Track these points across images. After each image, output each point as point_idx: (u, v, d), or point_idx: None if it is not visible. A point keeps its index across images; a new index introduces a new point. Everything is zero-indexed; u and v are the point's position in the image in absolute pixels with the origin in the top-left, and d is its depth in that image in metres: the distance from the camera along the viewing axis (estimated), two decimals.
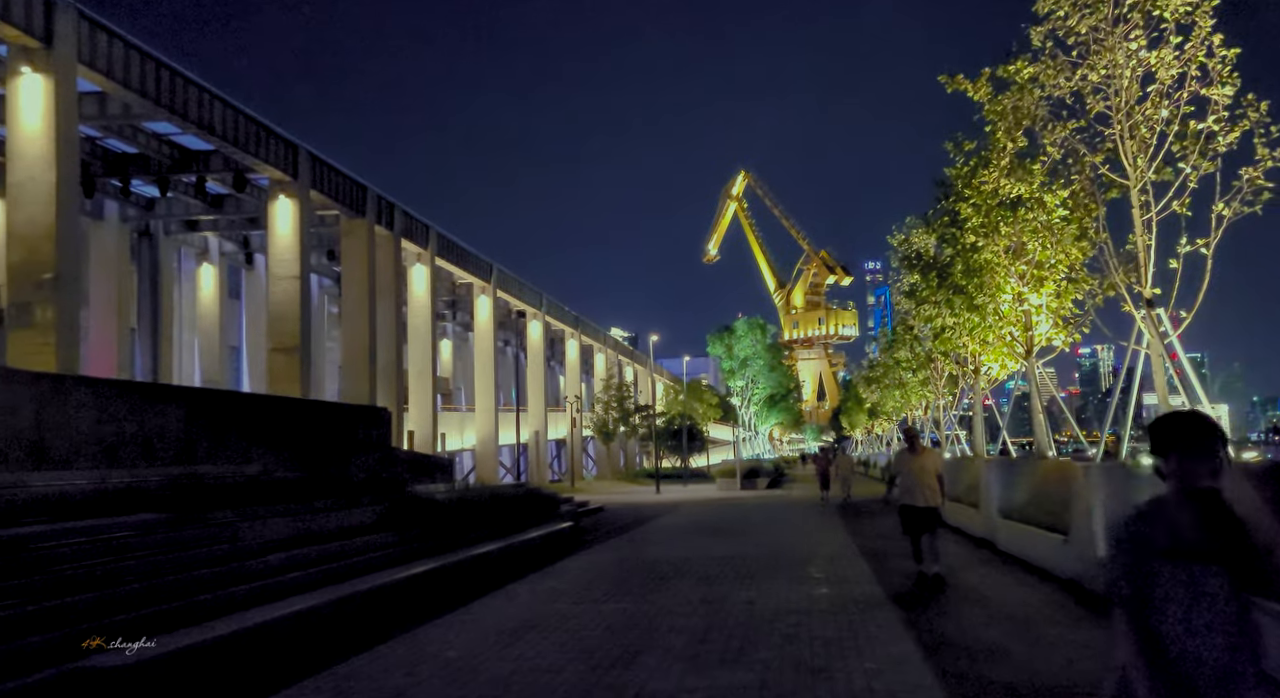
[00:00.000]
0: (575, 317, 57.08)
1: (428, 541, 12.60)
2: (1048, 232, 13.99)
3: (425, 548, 12.10)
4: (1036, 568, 11.74)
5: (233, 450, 14.61)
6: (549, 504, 19.37)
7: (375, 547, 11.18)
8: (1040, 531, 11.91)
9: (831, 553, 14.32)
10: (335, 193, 26.70)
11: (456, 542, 13.22)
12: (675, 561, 13.60)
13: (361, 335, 28.06)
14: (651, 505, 29.59)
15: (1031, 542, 12.10)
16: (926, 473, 10.41)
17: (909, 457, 10.66)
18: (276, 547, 9.68)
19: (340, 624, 8.36)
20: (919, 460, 10.52)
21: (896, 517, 11.57)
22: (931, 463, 10.54)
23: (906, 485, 10.52)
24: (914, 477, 10.46)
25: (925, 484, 10.39)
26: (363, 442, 23.15)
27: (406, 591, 9.78)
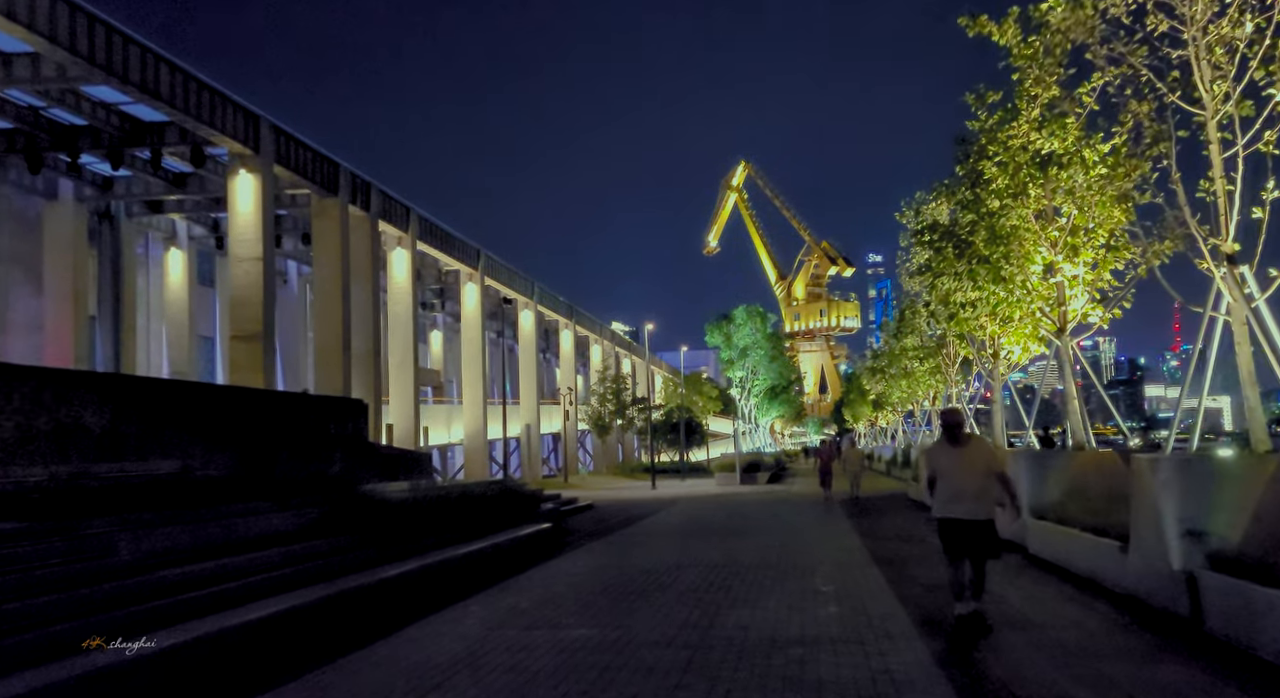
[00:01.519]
0: (570, 306, 55.33)
1: (371, 548, 10.87)
2: (1087, 191, 12.22)
3: (366, 558, 10.38)
4: (1080, 578, 10.00)
5: (169, 446, 12.89)
6: (527, 503, 17.64)
7: (300, 557, 9.45)
8: (1083, 533, 10.17)
9: (839, 559, 12.59)
10: (304, 169, 24.92)
11: (408, 549, 11.49)
12: (661, 569, 11.88)
13: (335, 323, 26.32)
14: (645, 503, 27.88)
15: (1073, 547, 10.35)
16: (976, 472, 7.39)
17: (950, 451, 7.51)
18: (165, 561, 7.94)
19: (214, 666, 6.63)
20: (965, 455, 7.44)
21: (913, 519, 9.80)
22: (983, 458, 7.50)
23: (949, 491, 7.44)
24: (959, 478, 7.39)
25: (976, 488, 7.34)
26: (335, 437, 21.48)
27: (324, 614, 8.05)
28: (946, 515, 7.41)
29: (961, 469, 7.41)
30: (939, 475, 7.57)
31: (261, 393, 19.74)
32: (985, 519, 7.29)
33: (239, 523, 9.60)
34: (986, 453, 7.62)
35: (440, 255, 36.10)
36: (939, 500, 7.52)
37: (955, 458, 7.47)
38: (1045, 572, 10.86)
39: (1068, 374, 13.17)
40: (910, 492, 26.95)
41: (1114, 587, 8.80)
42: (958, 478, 7.39)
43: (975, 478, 7.34)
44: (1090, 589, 9.33)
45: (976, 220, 13.43)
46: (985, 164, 13.30)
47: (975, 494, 7.31)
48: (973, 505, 7.29)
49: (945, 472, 7.50)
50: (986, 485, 7.35)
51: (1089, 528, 10.13)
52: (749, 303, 58.40)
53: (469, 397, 39.07)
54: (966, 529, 7.29)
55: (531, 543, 14.45)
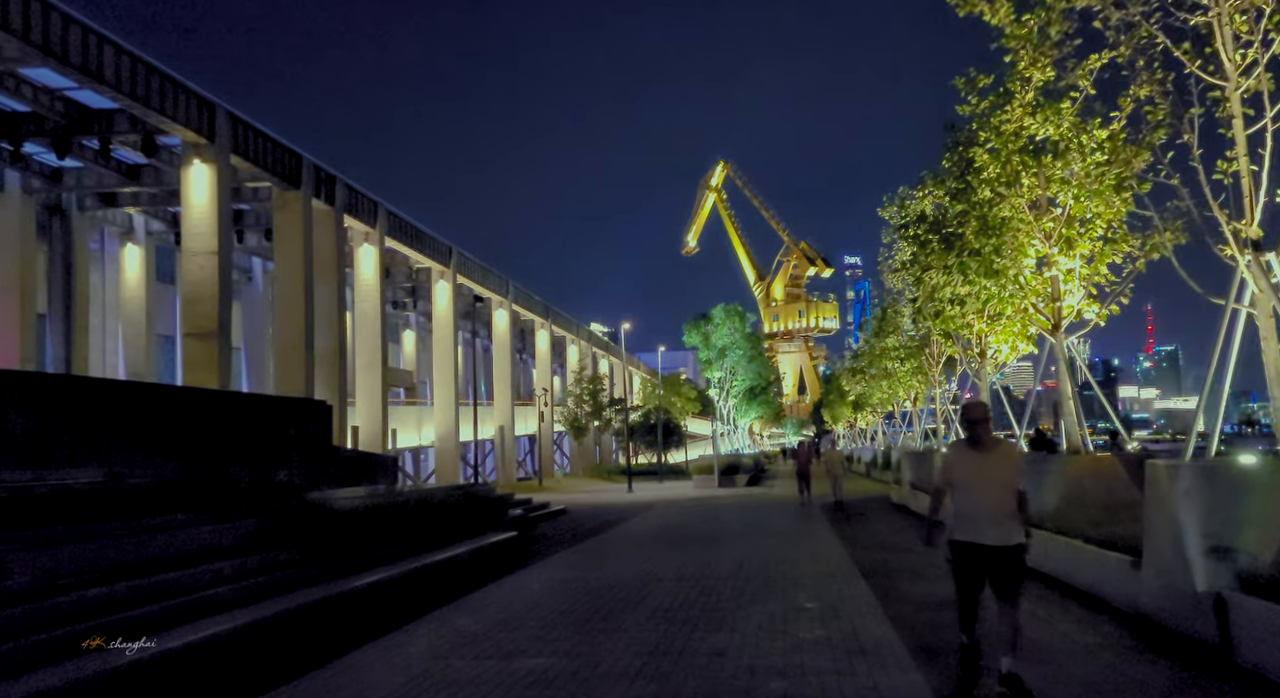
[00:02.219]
0: (546, 306, 54.37)
1: (317, 563, 9.95)
2: (1085, 178, 11.50)
3: (307, 574, 9.46)
4: (1082, 593, 9.25)
5: (105, 452, 11.89)
6: (493, 509, 16.75)
7: (232, 576, 8.52)
8: (1087, 546, 9.43)
9: (823, 570, 11.79)
10: (263, 160, 23.85)
11: (357, 563, 10.58)
12: (632, 583, 11.02)
13: (297, 321, 25.26)
14: (621, 507, 27.03)
15: (1076, 560, 9.60)
16: (1004, 484, 5.65)
17: (972, 456, 5.73)
18: (65, 585, 7.00)
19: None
20: (991, 463, 5.68)
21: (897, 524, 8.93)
22: (1012, 467, 5.73)
23: (970, 508, 5.69)
24: (983, 492, 5.64)
25: (1004, 505, 5.61)
26: (294, 440, 20.49)
27: (249, 643, 7.14)
28: (968, 540, 5.66)
29: (986, 481, 5.62)
30: (956, 488, 5.77)
31: (213, 394, 18.70)
32: (1016, 545, 5.62)
33: (163, 538, 8.65)
34: (1016, 461, 5.80)
35: (410, 252, 35.06)
36: (956, 520, 5.75)
37: (979, 466, 5.67)
38: (1047, 587, 10.09)
39: (1063, 373, 12.45)
40: (893, 495, 26.25)
41: (1124, 606, 8.04)
42: (982, 492, 5.63)
43: (1003, 492, 5.63)
44: (1094, 606, 8.58)
45: (967, 210, 12.68)
46: (976, 151, 12.57)
47: (1003, 513, 5.61)
48: (1001, 528, 5.58)
49: (966, 483, 5.70)
50: (1010, 502, 5.65)
51: (1092, 540, 9.39)
52: (728, 303, 57.70)
53: (440, 398, 38.03)
54: (993, 559, 5.59)
55: (494, 554, 13.56)
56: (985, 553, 5.63)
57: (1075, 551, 9.63)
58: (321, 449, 21.36)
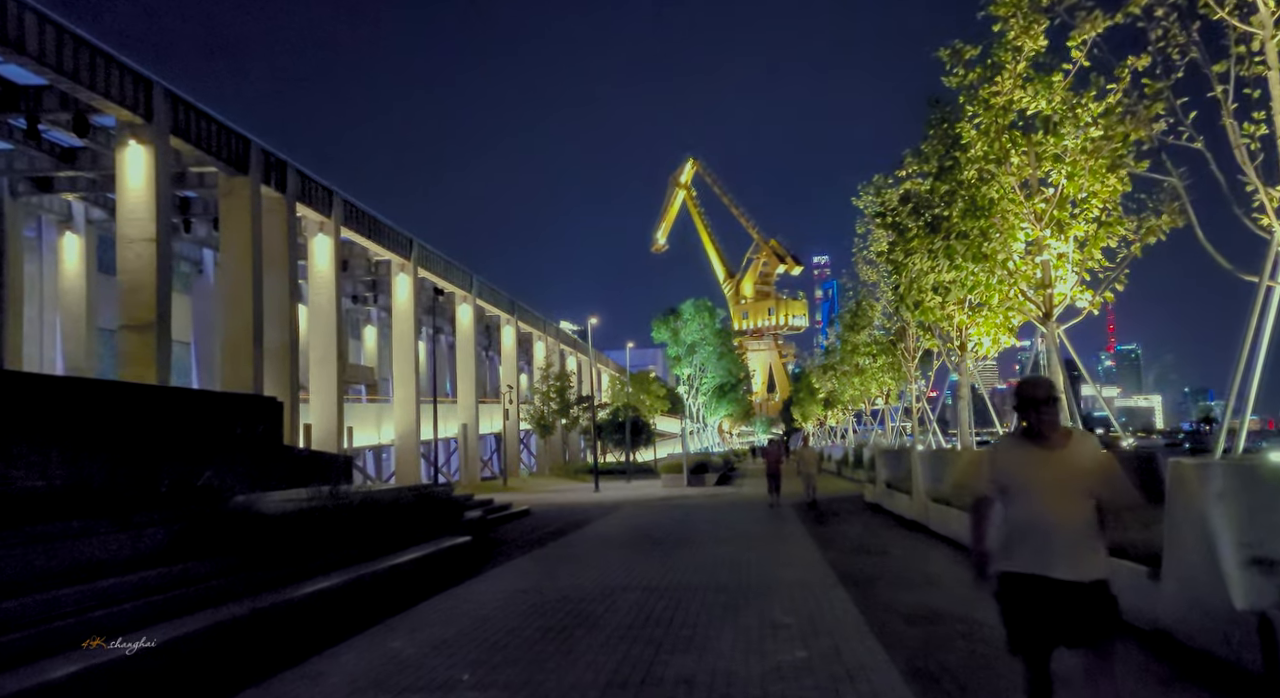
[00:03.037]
0: (512, 301, 53.18)
1: (234, 576, 8.87)
2: (1080, 154, 10.70)
3: (221, 590, 8.37)
4: None
5: (9, 455, 10.70)
6: (448, 511, 15.68)
7: (122, 595, 7.41)
8: None
9: (799, 578, 10.88)
10: (207, 144, 22.55)
11: (284, 574, 9.50)
12: (593, 594, 10.05)
13: (245, 313, 23.96)
14: (586, 507, 26.03)
15: None
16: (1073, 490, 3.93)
17: (1033, 453, 4.00)
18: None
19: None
20: (1059, 462, 3.96)
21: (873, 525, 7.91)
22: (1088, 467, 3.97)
23: (1026, 526, 3.97)
24: (1049, 503, 3.91)
25: (1079, 522, 3.91)
26: (241, 438, 19.30)
27: (133, 676, 6.07)
28: (1028, 571, 3.89)
29: (1055, 487, 3.88)
30: (1010, 497, 4.01)
31: (148, 389, 17.46)
32: (1097, 581, 3.85)
33: (44, 550, 7.54)
34: (1098, 459, 4.00)
35: (368, 244, 33.77)
36: (1008, 544, 4.01)
37: (1043, 467, 3.93)
38: None
39: (1054, 364, 11.65)
40: (866, 494, 25.49)
41: (1138, 621, 7.18)
42: (1049, 503, 3.88)
43: (1079, 503, 3.89)
44: None
45: (953, 189, 11.84)
46: (963, 126, 11.74)
47: (1080, 533, 3.87)
48: (1076, 554, 3.85)
49: (1025, 490, 3.95)
50: (1087, 516, 3.91)
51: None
52: (697, 298, 56.81)
53: (400, 395, 36.78)
54: (1066, 600, 3.82)
55: (445, 561, 12.52)
56: (1053, 592, 3.82)
57: None
58: (270, 449, 20.17)
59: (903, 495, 19.34)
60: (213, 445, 15.99)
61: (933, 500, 16.29)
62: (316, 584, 9.39)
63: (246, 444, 19.32)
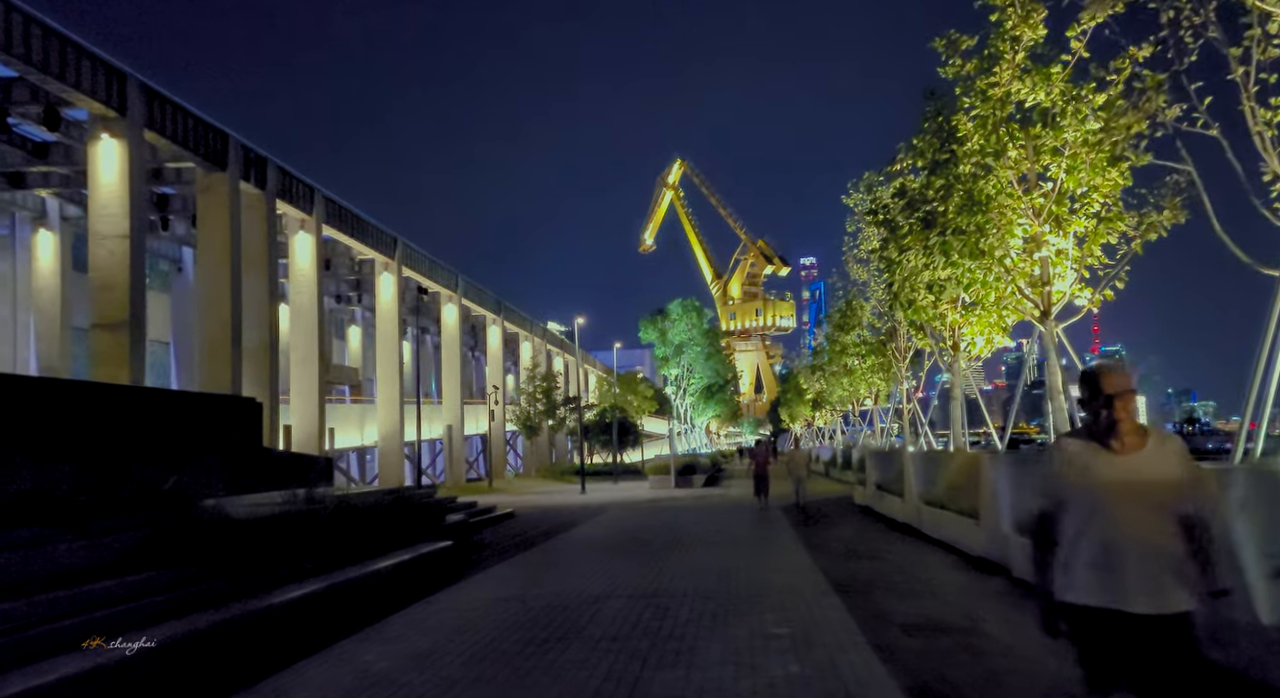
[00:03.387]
0: (498, 301, 52.69)
1: (199, 585, 8.43)
2: (1081, 147, 10.38)
3: (184, 600, 7.93)
4: None
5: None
6: (429, 515, 15.24)
7: (75, 607, 6.97)
8: None
9: (790, 584, 10.51)
10: (184, 139, 22.02)
11: (253, 583, 9.06)
12: (576, 602, 9.66)
13: (223, 312, 23.44)
14: (572, 509, 25.62)
15: None
16: (1154, 502, 3.18)
17: (1104, 459, 3.25)
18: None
19: None
20: (1137, 469, 3.21)
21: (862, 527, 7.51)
22: (1173, 475, 3.22)
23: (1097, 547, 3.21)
24: (1126, 518, 3.18)
25: (1155, 540, 3.16)
26: (218, 440, 18.83)
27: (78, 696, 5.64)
28: (1093, 604, 3.20)
29: (1133, 499, 3.17)
30: (1075, 513, 3.27)
31: (120, 390, 16.95)
32: (1180, 613, 3.16)
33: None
34: (1184, 463, 3.28)
35: (351, 242, 33.26)
36: (1072, 569, 3.27)
37: (1117, 474, 3.21)
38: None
39: (1053, 364, 11.31)
40: (856, 496, 25.19)
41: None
42: (1125, 519, 3.17)
43: (1161, 519, 3.19)
44: None
45: (949, 184, 11.50)
46: (959, 118, 11.40)
47: (1163, 556, 3.18)
48: (1158, 582, 3.15)
49: (1095, 503, 3.22)
50: (1178, 537, 3.21)
51: None
52: (685, 298, 56.38)
53: (384, 395, 36.25)
54: (1142, 633, 3.14)
55: (424, 567, 12.09)
56: (1131, 626, 3.11)
57: None
58: (248, 451, 19.72)
59: (894, 498, 19.02)
60: (187, 448, 15.54)
61: (925, 503, 15.96)
62: (287, 593, 8.96)
63: (223, 446, 18.82)
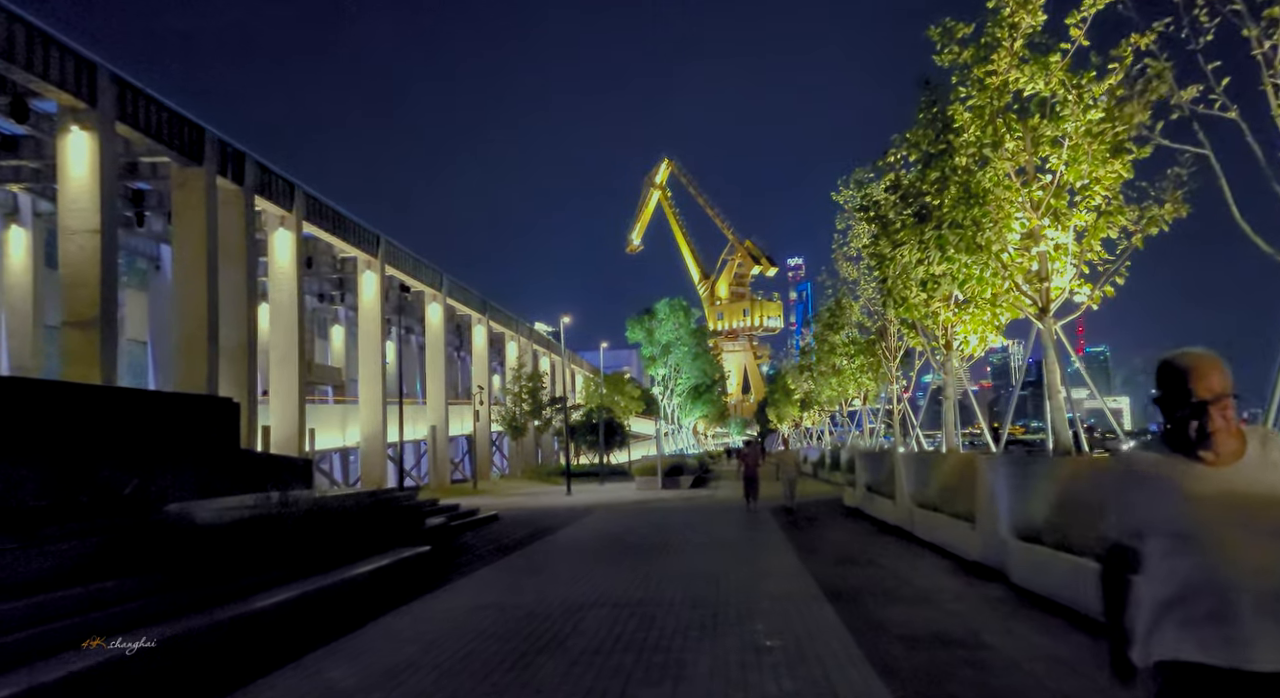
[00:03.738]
0: (483, 300, 52.16)
1: (159, 595, 7.96)
2: (1084, 137, 10.04)
3: (142, 612, 7.46)
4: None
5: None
6: (407, 518, 14.77)
7: (10, 624, 6.49)
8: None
9: (782, 590, 10.12)
10: (158, 132, 21.47)
11: (218, 592, 8.60)
12: (557, 611, 9.23)
13: (199, 310, 22.90)
14: (557, 512, 25.17)
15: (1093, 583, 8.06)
16: (1268, 528, 2.33)
17: (1195, 473, 2.41)
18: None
19: None
20: (1234, 487, 2.38)
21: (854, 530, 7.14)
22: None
23: (1196, 587, 2.35)
24: (1230, 548, 2.32)
25: (1271, 576, 2.29)
26: (193, 442, 18.33)
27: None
28: (1198, 660, 2.32)
29: (1235, 525, 2.34)
30: (1159, 542, 2.43)
31: (86, 390, 16.40)
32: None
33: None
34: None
35: (333, 240, 32.71)
36: (1163, 616, 2.40)
37: (1213, 495, 2.38)
38: (1048, 614, 8.57)
39: (1051, 362, 10.96)
40: (845, 498, 24.86)
41: None
42: (1226, 551, 2.33)
43: (1275, 548, 2.32)
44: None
45: (946, 176, 11.13)
46: (956, 108, 11.04)
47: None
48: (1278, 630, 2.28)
49: (1184, 532, 2.38)
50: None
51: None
52: (672, 298, 55.99)
53: (366, 395, 35.69)
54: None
55: (401, 574, 11.63)
56: (1250, 690, 2.29)
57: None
58: (224, 452, 19.22)
59: (885, 500, 18.67)
60: (158, 450, 15.06)
61: (918, 506, 15.61)
62: (253, 603, 8.49)
63: (197, 448, 18.29)
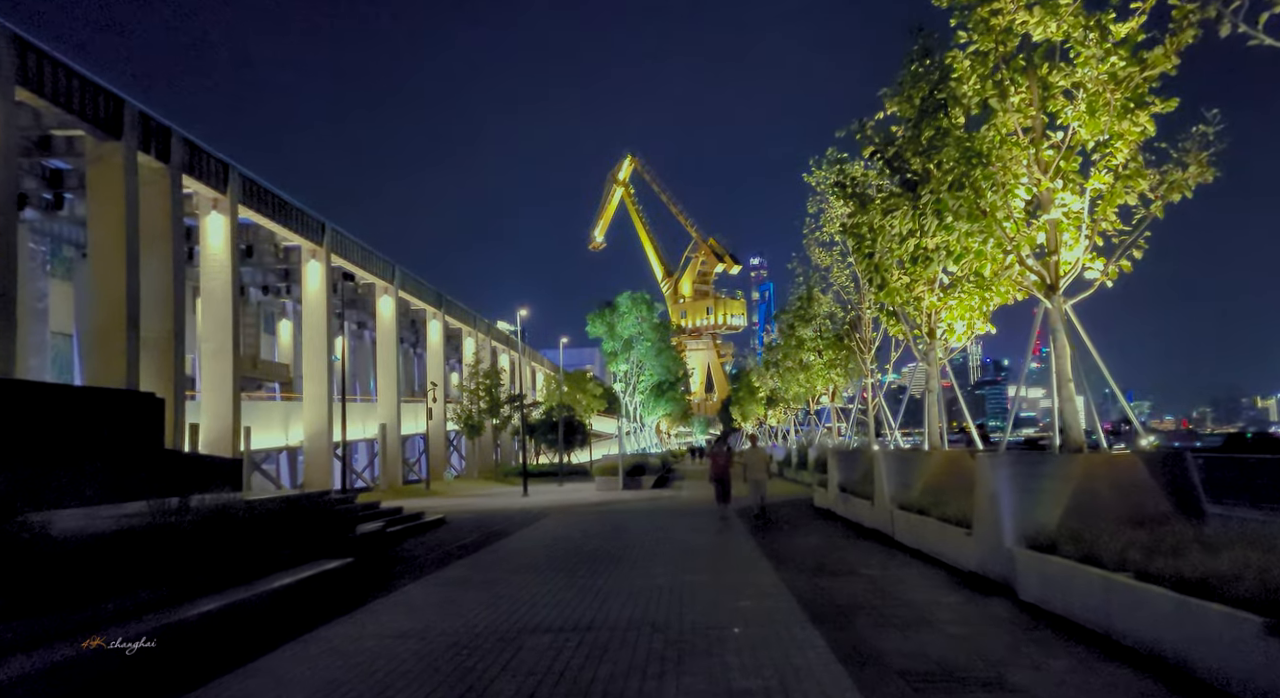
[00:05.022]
0: (438, 294, 50.28)
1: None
2: (1104, 85, 8.73)
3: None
4: (1143, 653, 6.40)
5: None
6: (332, 525, 13.11)
7: None
8: (1147, 585, 6.56)
9: (757, 610, 8.66)
10: (67, 101, 19.52)
11: (62, 623, 6.94)
12: (492, 638, 7.70)
13: (116, 297, 20.96)
14: (511, 514, 23.57)
15: (1125, 603, 6.70)
16: None
17: None
18: None
19: None
20: None
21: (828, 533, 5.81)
22: None
23: None
24: None
25: None
26: (105, 441, 16.45)
27: None
28: None
29: None
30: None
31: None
32: None
33: None
34: None
35: (274, 226, 30.76)
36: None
37: None
38: (1073, 641, 7.21)
39: (1062, 346, 9.64)
40: (816, 498, 23.56)
41: (1243, 690, 5.12)
42: None
43: None
44: (1173, 679, 5.68)
45: (945, 131, 9.75)
46: (954, 55, 9.67)
47: None
48: None
49: None
50: None
51: (1151, 576, 6.52)
52: (635, 291, 54.41)
53: (311, 392, 33.75)
54: None
55: (310, 592, 10.00)
56: None
57: (1135, 594, 6.74)
58: (143, 452, 17.43)
59: (861, 501, 17.37)
60: (56, 451, 13.29)
61: (900, 508, 14.30)
62: (109, 636, 6.85)
63: (108, 448, 16.49)
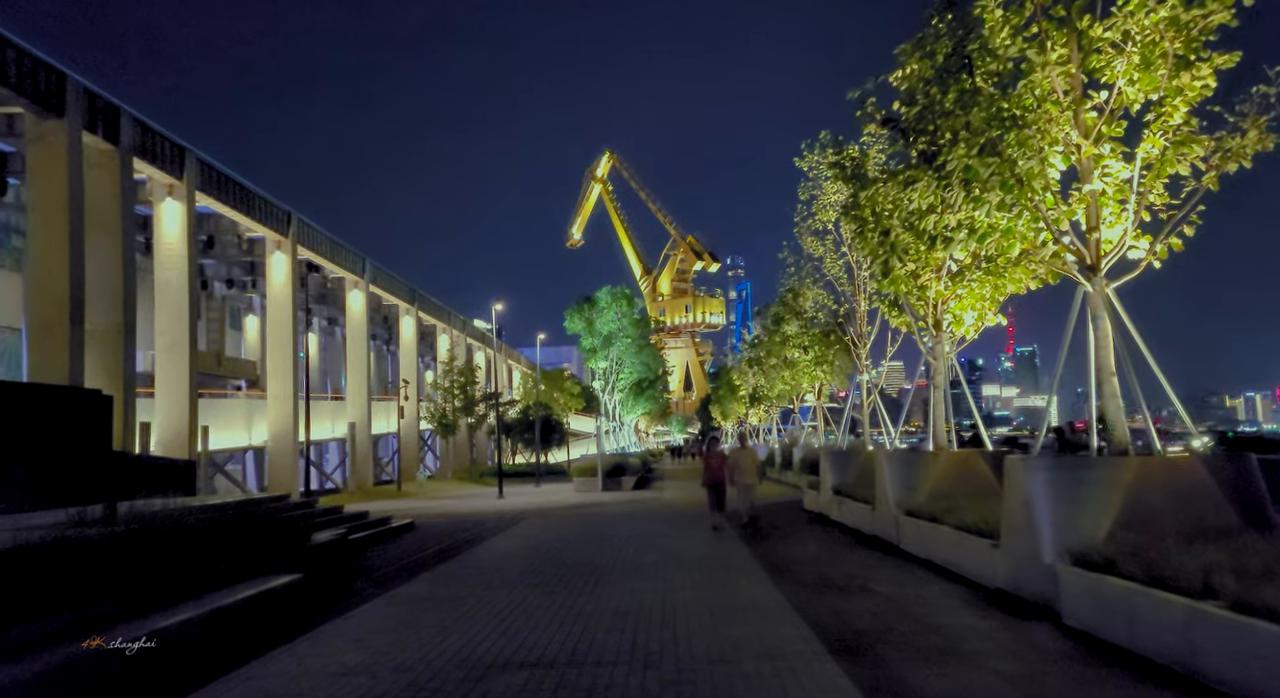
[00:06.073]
0: (411, 290, 48.82)
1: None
2: (1170, 30, 7.65)
3: None
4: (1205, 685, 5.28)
5: None
6: (282, 534, 11.78)
7: None
8: (1224, 612, 5.45)
9: (763, 639, 7.46)
10: (2, 74, 18.03)
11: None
12: (450, 678, 6.47)
13: (58, 287, 19.49)
14: (484, 518, 22.29)
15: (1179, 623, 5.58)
16: None
17: None
18: None
19: None
20: None
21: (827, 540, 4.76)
22: None
23: None
24: None
25: None
26: (43, 442, 15.22)
27: None
28: None
29: None
30: None
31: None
32: None
33: None
34: None
35: (236, 216, 29.28)
36: None
37: None
38: (1142, 679, 6.08)
39: (1106, 336, 8.53)
40: (805, 500, 22.43)
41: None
42: None
43: None
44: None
45: (972, 91, 8.61)
46: (984, 4, 8.55)
47: None
48: None
49: None
50: None
51: (1242, 605, 5.41)
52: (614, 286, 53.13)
53: (276, 390, 32.27)
54: None
55: (249, 615, 8.72)
56: None
57: (1195, 614, 5.62)
58: (87, 453, 16.14)
59: (858, 505, 16.25)
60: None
61: (906, 514, 13.19)
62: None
63: (46, 449, 15.17)
